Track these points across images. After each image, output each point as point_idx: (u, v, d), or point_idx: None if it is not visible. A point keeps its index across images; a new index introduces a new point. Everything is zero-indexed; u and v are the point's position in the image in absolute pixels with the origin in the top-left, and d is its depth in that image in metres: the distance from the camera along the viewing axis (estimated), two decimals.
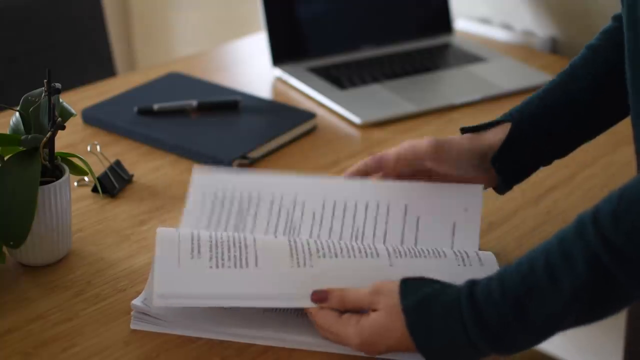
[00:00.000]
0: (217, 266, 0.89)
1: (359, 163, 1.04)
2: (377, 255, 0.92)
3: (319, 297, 0.86)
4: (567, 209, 1.14)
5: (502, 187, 1.02)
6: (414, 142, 1.00)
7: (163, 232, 0.92)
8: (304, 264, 0.90)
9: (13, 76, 1.65)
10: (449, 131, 1.37)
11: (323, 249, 0.92)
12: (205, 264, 0.89)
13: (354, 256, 0.91)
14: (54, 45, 1.71)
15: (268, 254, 0.91)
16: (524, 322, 0.77)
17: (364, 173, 1.04)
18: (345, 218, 1.01)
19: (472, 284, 0.80)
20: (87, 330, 0.91)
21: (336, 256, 0.91)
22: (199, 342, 0.89)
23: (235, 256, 0.90)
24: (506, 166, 1.00)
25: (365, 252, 0.92)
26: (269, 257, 0.90)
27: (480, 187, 1.01)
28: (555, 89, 1.00)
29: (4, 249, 0.97)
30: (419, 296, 0.81)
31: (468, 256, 0.94)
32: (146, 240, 1.06)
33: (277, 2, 1.57)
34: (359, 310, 0.85)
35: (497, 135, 0.99)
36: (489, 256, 0.95)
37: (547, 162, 1.02)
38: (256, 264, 0.89)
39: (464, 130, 1.02)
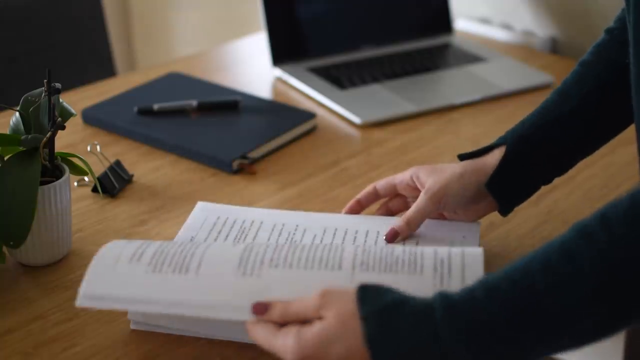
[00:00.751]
0: (153, 271, 0.83)
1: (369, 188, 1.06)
2: (340, 267, 0.83)
3: (259, 309, 0.78)
4: (567, 209, 1.14)
5: (503, 210, 1.02)
6: (417, 207, 0.99)
7: (115, 241, 0.89)
8: (251, 273, 0.82)
9: (13, 76, 1.65)
10: (449, 131, 1.37)
11: (279, 258, 0.84)
12: (142, 268, 0.84)
13: (312, 267, 0.83)
14: (54, 45, 1.71)
15: (213, 261, 0.84)
16: (519, 328, 0.70)
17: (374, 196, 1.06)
18: (346, 241, 1.00)
19: (444, 292, 0.73)
20: (87, 330, 0.91)
21: (290, 267, 0.83)
22: (199, 342, 0.89)
23: (176, 262, 0.84)
24: (501, 190, 0.99)
25: (327, 263, 0.84)
26: (213, 264, 0.84)
27: (477, 224, 1.02)
28: (548, 109, 1.00)
29: (4, 249, 0.97)
30: (381, 304, 0.73)
31: (450, 273, 0.83)
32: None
33: (277, 2, 1.57)
34: (304, 322, 0.76)
35: (495, 160, 0.99)
36: (475, 269, 0.84)
37: (547, 181, 1.01)
38: (197, 271, 0.83)
39: (461, 157, 1.02)
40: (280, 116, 1.36)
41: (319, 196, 1.17)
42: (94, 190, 1.15)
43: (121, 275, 0.84)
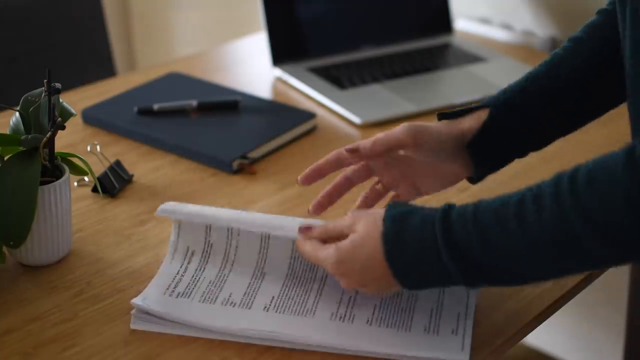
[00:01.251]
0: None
1: (332, 153, 1.00)
2: (313, 314, 0.92)
3: (304, 229, 0.92)
4: None
5: (476, 175, 1.00)
6: (390, 131, 0.97)
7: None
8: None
9: (13, 76, 1.65)
10: None
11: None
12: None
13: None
14: (54, 45, 1.71)
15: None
16: (488, 249, 0.79)
17: (339, 163, 0.99)
18: None
19: (449, 205, 0.83)
20: (87, 330, 0.91)
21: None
22: (199, 342, 0.89)
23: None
24: (480, 153, 0.97)
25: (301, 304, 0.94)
26: None
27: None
28: (536, 78, 0.98)
29: (4, 249, 0.97)
30: (400, 211, 0.85)
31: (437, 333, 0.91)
32: (146, 240, 1.06)
33: (277, 2, 1.57)
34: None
35: (474, 121, 0.97)
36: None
37: (522, 153, 1.00)
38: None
39: (441, 117, 1.00)
40: (280, 116, 1.36)
41: None
42: (94, 190, 1.15)
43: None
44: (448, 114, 1.00)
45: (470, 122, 0.98)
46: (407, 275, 0.84)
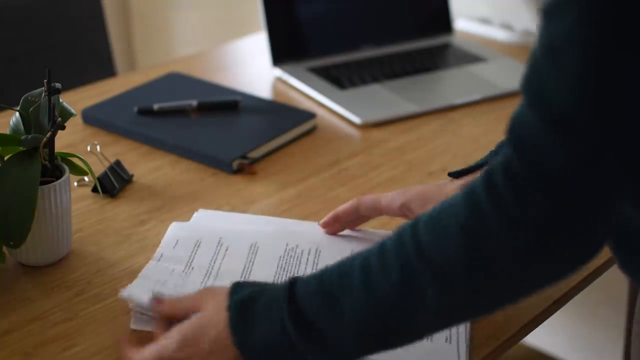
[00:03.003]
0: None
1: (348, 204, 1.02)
2: None
3: (156, 300, 0.86)
4: None
5: None
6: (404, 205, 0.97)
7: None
8: None
9: (13, 76, 1.65)
10: (449, 131, 1.37)
11: None
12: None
13: None
14: (54, 45, 1.71)
15: None
16: (336, 317, 0.76)
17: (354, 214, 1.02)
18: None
19: (294, 279, 0.79)
20: (87, 330, 0.91)
21: None
22: None
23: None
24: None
25: None
26: None
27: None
28: None
29: (4, 249, 0.97)
30: (244, 294, 0.80)
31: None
32: (146, 240, 1.06)
33: (277, 2, 1.57)
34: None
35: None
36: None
37: None
38: None
39: (452, 175, 0.99)
40: (280, 116, 1.36)
41: (318, 196, 1.17)
42: (94, 190, 1.15)
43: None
44: (458, 172, 0.98)
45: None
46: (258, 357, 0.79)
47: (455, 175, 0.99)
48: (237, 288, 0.81)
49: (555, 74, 0.68)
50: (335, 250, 1.01)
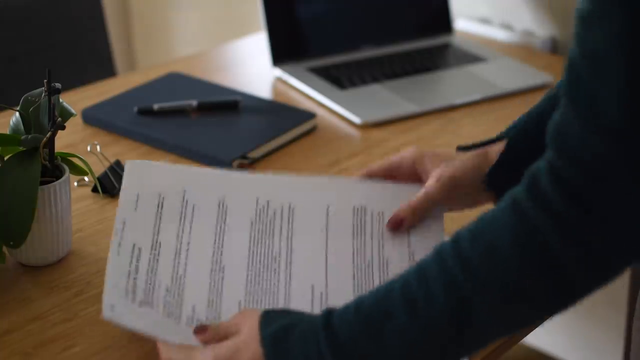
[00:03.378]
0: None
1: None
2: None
3: (199, 330, 0.84)
4: None
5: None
6: (426, 193, 0.96)
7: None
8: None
9: (13, 76, 1.65)
10: (449, 131, 1.37)
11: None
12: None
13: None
14: (54, 45, 1.71)
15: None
16: (379, 343, 0.75)
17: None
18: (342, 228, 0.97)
19: (329, 310, 0.78)
20: (87, 330, 0.91)
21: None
22: None
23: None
24: (503, 183, 0.98)
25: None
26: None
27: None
28: (547, 104, 0.98)
29: (4, 249, 0.97)
30: (276, 327, 0.79)
31: None
32: None
33: (277, 2, 1.57)
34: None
35: (496, 152, 0.97)
36: None
37: None
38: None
39: (460, 148, 1.00)
40: (280, 116, 1.36)
41: None
42: (94, 190, 1.16)
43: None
44: (469, 147, 0.99)
45: (494, 155, 0.97)
46: None
47: (464, 149, 0.99)
48: (268, 319, 0.80)
49: (602, 83, 0.68)
50: (309, 205, 0.97)
